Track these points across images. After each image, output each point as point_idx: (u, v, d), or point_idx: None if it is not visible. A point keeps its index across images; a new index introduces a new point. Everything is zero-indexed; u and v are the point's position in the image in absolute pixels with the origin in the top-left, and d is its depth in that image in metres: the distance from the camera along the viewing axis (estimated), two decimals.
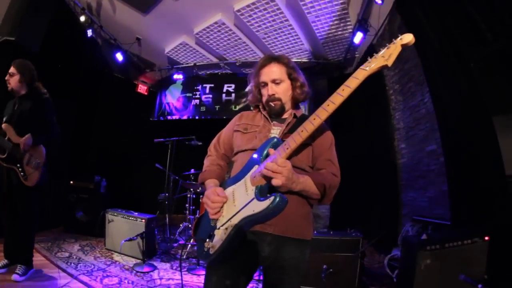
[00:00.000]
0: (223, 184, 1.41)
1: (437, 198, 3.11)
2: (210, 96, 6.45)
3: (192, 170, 4.51)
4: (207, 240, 1.29)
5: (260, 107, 1.55)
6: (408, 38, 1.14)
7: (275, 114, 1.48)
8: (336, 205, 5.11)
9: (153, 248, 3.89)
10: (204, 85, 6.51)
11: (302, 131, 1.20)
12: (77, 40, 4.94)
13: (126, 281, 3.11)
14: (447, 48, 2.85)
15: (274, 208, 1.11)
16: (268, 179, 1.16)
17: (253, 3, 4.28)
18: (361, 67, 1.16)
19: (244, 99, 6.22)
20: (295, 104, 1.53)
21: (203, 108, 6.47)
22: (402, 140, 3.73)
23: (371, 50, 4.38)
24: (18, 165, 2.81)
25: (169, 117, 6.68)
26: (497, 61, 2.38)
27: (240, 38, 5.23)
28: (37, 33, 3.99)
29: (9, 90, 2.91)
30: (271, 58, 1.50)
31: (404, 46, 1.14)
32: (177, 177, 4.61)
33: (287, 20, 4.58)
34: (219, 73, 6.50)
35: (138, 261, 3.59)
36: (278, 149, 1.22)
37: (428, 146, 3.28)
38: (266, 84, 1.46)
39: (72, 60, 4.90)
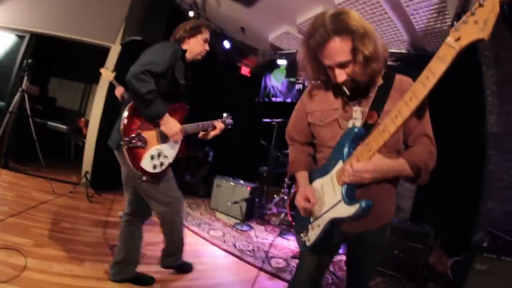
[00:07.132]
0: (312, 175, 1.43)
1: None
2: None
3: None
4: (304, 232, 1.43)
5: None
6: None
7: (356, 92, 1.27)
8: (418, 199, 5.04)
9: (251, 212, 4.53)
10: None
11: (383, 130, 1.04)
12: None
13: (228, 235, 3.70)
14: None
15: (360, 215, 1.13)
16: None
17: None
18: (446, 40, 0.87)
19: None
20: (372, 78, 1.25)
21: None
22: (492, 146, 3.48)
23: (472, 44, 4.03)
24: None
25: (273, 99, 6.97)
26: None
27: None
28: (158, 31, 4.23)
29: None
30: (333, 31, 1.12)
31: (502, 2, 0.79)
32: (278, 154, 5.06)
33: (386, 13, 4.51)
34: None
35: (238, 221, 4.21)
36: (361, 151, 1.13)
37: None
38: (331, 68, 1.21)
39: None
